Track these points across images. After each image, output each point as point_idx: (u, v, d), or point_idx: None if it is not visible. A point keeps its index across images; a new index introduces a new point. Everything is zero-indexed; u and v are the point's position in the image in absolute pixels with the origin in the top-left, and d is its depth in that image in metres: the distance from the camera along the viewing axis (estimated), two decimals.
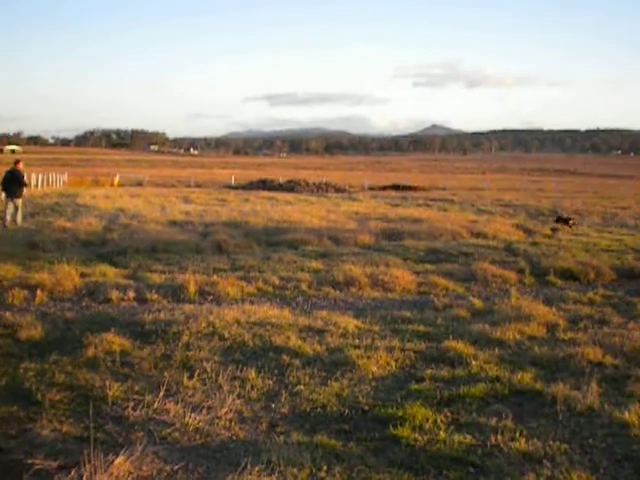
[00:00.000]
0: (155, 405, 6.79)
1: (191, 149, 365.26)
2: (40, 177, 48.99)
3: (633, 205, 41.21)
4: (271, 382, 7.73)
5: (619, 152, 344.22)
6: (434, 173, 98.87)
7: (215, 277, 13.88)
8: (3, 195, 22.89)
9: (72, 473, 5.21)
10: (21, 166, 23.60)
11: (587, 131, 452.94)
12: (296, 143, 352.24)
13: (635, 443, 6.36)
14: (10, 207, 22.66)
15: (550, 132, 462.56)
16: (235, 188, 51.35)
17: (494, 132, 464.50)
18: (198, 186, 58.07)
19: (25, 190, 23.91)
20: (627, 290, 14.68)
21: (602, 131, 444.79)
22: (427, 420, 6.63)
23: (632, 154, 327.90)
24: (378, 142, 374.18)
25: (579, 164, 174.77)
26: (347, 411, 6.94)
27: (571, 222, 21.29)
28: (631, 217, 33.08)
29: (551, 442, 6.30)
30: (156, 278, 13.91)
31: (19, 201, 22.94)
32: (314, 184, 54.46)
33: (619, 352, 9.24)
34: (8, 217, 22.55)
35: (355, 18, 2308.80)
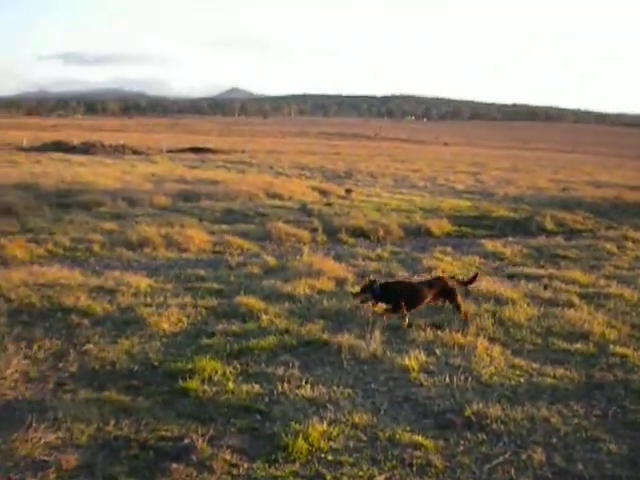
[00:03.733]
0: None
1: None
2: None
3: (424, 168, 42.88)
4: (59, 342, 7.61)
5: (412, 118, 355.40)
6: (234, 136, 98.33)
7: (2, 240, 13.31)
8: None
9: None
10: None
11: (383, 97, 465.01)
12: (93, 104, 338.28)
13: (414, 386, 6.83)
14: None
15: (348, 97, 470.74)
16: (27, 150, 48.78)
17: (294, 97, 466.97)
18: None
19: None
20: (413, 246, 15.48)
21: (397, 97, 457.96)
22: (216, 372, 6.79)
23: (425, 120, 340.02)
24: (177, 104, 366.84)
25: (376, 129, 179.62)
26: (137, 367, 6.97)
27: None
28: (421, 179, 34.47)
29: (335, 388, 6.64)
30: None
31: None
32: (110, 146, 52.46)
33: None
34: None
35: None
